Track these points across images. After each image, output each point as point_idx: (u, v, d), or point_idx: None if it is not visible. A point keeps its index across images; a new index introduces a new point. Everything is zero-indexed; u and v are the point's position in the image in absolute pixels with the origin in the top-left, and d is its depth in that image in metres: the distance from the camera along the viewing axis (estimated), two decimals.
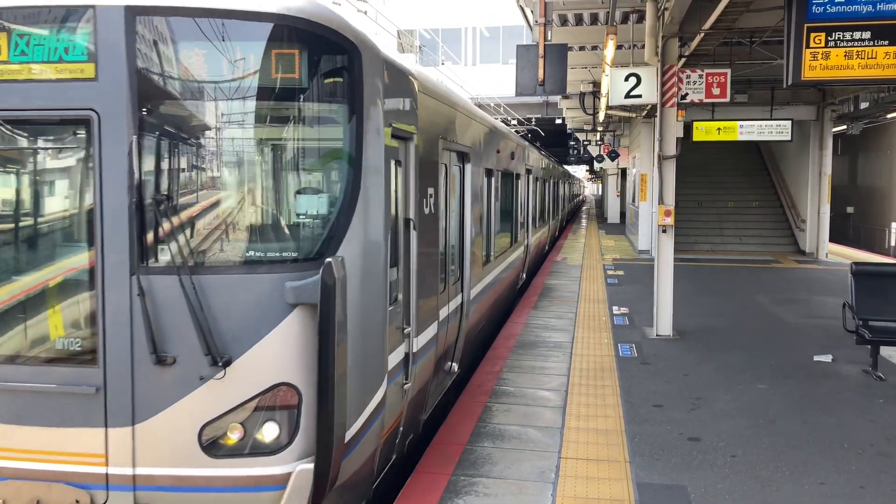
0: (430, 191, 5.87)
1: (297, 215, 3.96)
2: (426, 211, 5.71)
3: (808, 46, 7.24)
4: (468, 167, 7.67)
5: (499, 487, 5.19)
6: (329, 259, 3.67)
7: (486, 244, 9.17)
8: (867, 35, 7.15)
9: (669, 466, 5.63)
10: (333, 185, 3.99)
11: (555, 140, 44.81)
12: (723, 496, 5.12)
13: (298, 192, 3.95)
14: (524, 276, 14.62)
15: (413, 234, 5.23)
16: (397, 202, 4.94)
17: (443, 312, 6.39)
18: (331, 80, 3.95)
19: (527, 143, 15.23)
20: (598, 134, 29.92)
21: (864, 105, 21.06)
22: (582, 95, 21.27)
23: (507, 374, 8.13)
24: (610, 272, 17.23)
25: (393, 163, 4.70)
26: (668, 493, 5.17)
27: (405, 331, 5.15)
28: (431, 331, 5.94)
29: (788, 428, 6.52)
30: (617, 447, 6.00)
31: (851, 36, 7.18)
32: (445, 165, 6.57)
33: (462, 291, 7.49)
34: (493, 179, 9.57)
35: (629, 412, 6.89)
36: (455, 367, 7.29)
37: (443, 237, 6.50)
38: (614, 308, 12.33)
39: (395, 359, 4.87)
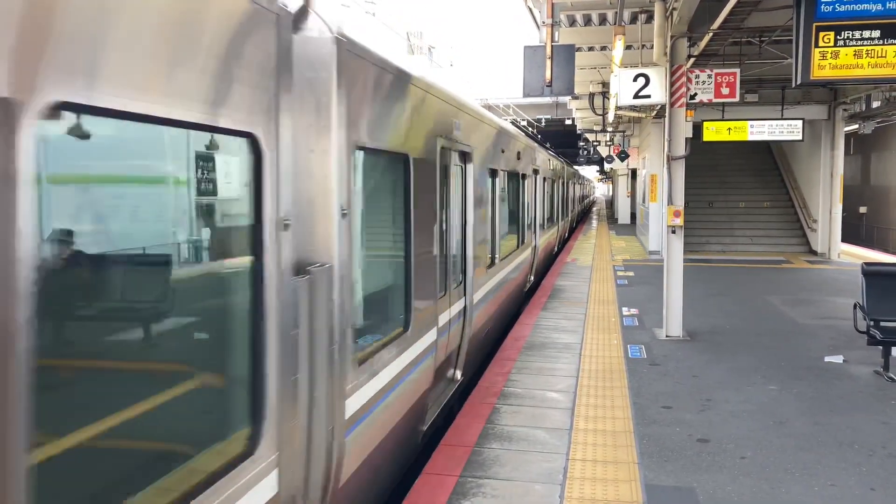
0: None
1: None
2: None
3: (817, 46, 7.20)
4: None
5: (506, 489, 5.19)
6: None
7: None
8: (877, 34, 7.11)
9: (678, 468, 5.61)
10: None
11: (565, 141, 44.77)
12: (732, 498, 5.10)
13: None
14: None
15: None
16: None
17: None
18: None
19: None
20: (608, 134, 29.87)
21: (875, 104, 20.92)
22: (591, 96, 21.25)
23: (515, 375, 8.12)
24: (620, 273, 17.18)
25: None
26: (676, 494, 5.15)
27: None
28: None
29: (799, 429, 6.48)
30: (625, 448, 5.98)
31: (861, 35, 7.14)
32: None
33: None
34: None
35: (638, 413, 6.86)
36: (458, 374, 7.22)
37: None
38: (624, 309, 12.29)
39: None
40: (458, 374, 7.16)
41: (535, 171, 14.32)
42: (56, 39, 1.89)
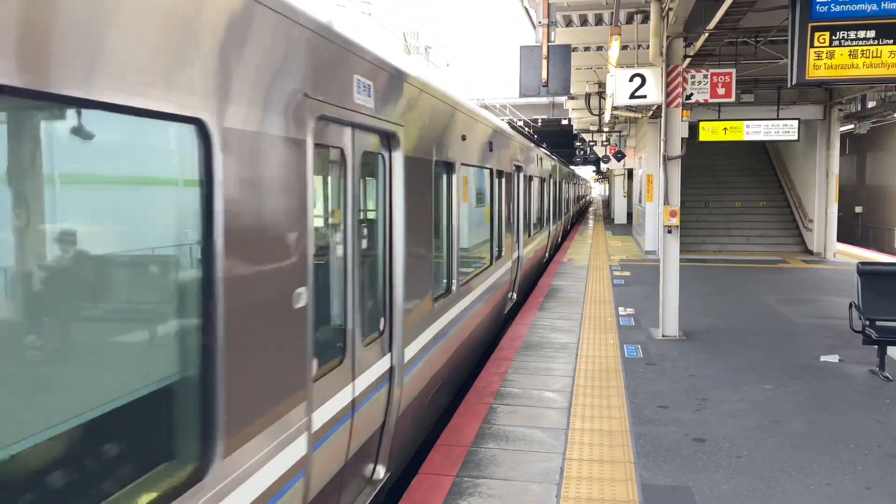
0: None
1: None
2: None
3: (812, 46, 7.22)
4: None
5: (503, 489, 5.19)
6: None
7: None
8: (872, 34, 7.13)
9: (674, 467, 5.62)
10: None
11: (561, 141, 44.81)
12: (728, 497, 5.11)
13: None
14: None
15: None
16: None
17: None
18: None
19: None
20: (605, 135, 29.91)
21: (871, 104, 20.99)
22: (587, 96, 21.27)
23: (512, 375, 8.13)
24: (616, 273, 17.20)
25: None
26: (672, 493, 5.16)
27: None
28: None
29: (794, 428, 6.49)
30: (622, 448, 5.99)
31: (856, 35, 7.16)
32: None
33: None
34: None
35: (634, 413, 6.87)
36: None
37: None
38: (620, 309, 12.31)
39: None
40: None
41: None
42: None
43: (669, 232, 10.25)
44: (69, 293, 2.34)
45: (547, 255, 19.11)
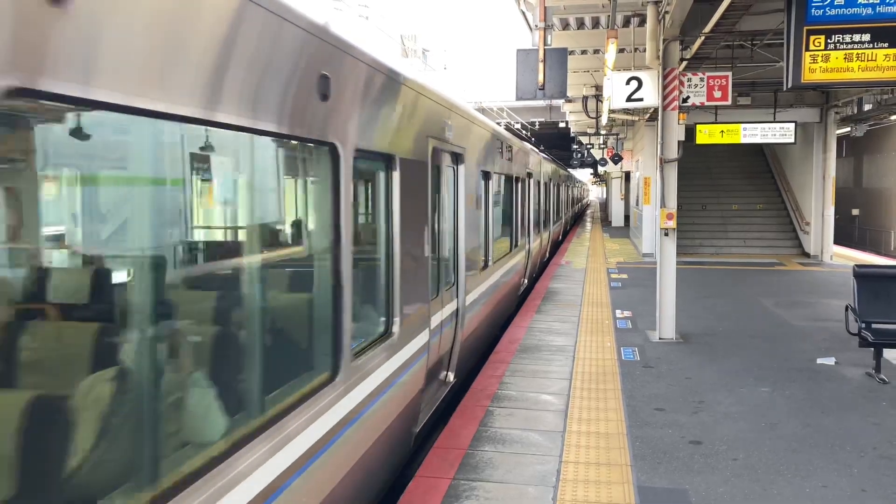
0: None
1: None
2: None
3: (807, 49, 7.25)
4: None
5: (499, 492, 5.20)
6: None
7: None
8: (867, 37, 7.16)
9: (671, 470, 5.63)
10: None
11: (558, 144, 44.87)
12: (724, 499, 5.11)
13: None
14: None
15: None
16: None
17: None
18: None
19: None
20: (602, 137, 29.94)
21: (867, 107, 21.04)
22: (585, 99, 21.31)
23: (509, 377, 8.13)
24: (614, 275, 17.22)
25: None
26: (668, 496, 5.17)
27: None
28: None
29: (790, 431, 6.51)
30: (618, 451, 6.00)
31: (851, 38, 7.19)
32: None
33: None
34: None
35: (631, 416, 6.88)
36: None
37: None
38: (617, 311, 12.32)
39: None
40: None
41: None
42: None
43: (666, 234, 10.27)
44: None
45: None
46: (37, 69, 1.79)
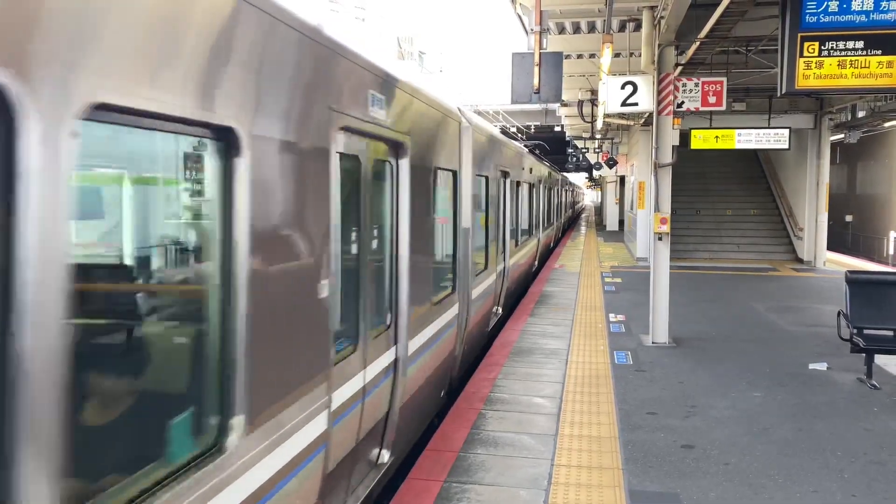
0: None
1: None
2: None
3: (801, 55, 7.28)
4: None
5: (491, 494, 5.20)
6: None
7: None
8: (860, 44, 7.19)
9: (662, 474, 5.64)
10: None
11: (554, 147, 44.90)
12: None
13: None
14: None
15: None
16: None
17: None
18: None
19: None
20: (597, 141, 30.00)
21: (861, 114, 21.12)
22: (580, 103, 21.36)
23: (502, 380, 8.13)
24: (608, 279, 17.24)
25: None
26: (660, 500, 5.17)
27: None
28: None
29: (782, 436, 6.52)
30: (610, 454, 6.00)
31: (845, 45, 7.22)
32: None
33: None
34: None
35: (623, 419, 6.89)
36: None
37: None
38: (611, 315, 12.34)
39: None
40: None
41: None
42: None
43: (660, 239, 10.29)
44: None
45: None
46: None
